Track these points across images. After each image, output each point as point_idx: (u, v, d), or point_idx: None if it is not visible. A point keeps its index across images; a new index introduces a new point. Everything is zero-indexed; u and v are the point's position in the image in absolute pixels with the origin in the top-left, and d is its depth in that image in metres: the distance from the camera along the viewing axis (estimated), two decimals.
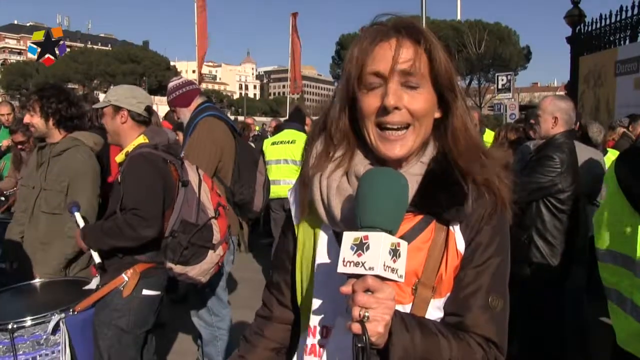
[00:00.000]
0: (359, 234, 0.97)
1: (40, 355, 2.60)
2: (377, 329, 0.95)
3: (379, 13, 1.18)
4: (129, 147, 2.83)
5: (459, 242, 1.14)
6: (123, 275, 2.74)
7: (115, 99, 2.91)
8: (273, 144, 6.27)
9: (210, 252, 2.90)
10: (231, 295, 6.12)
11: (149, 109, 3.01)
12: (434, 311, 1.14)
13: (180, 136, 7.53)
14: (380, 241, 0.95)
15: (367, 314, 0.93)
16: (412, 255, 1.09)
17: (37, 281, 3.06)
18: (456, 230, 1.14)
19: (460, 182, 1.12)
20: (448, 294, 1.15)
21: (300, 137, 6.03)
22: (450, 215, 1.12)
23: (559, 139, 3.60)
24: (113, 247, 2.74)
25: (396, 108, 1.09)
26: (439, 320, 1.14)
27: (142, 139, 2.85)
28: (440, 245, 1.13)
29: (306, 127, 6.40)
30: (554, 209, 3.53)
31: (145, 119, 2.98)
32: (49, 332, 2.57)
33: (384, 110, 1.09)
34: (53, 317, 2.58)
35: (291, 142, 6.10)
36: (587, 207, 4.15)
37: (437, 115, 1.17)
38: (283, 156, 6.11)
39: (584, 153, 3.97)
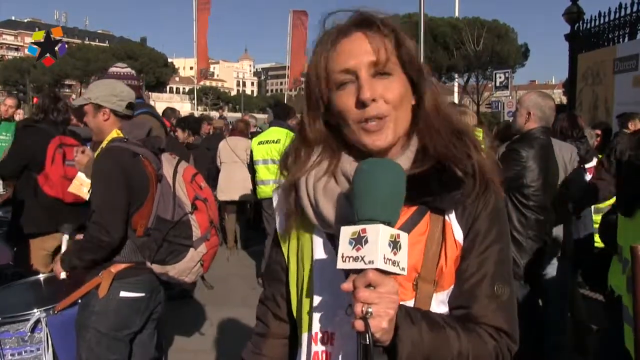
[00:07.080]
0: (357, 228, 0.94)
1: (25, 352, 2.65)
2: (381, 325, 0.92)
3: (331, 11, 1.16)
4: (104, 144, 2.77)
5: (457, 232, 1.11)
6: (100, 275, 2.66)
7: (96, 96, 2.84)
8: (260, 143, 6.14)
9: (191, 250, 2.73)
10: (227, 293, 6.11)
11: (131, 106, 2.94)
12: (438, 305, 1.11)
13: (179, 132, 7.52)
14: (378, 233, 0.91)
15: (370, 310, 0.90)
16: (409, 250, 1.06)
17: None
18: (452, 220, 1.11)
19: (451, 168, 1.09)
20: (451, 287, 1.11)
21: (284, 135, 5.88)
22: (444, 203, 1.08)
23: (532, 134, 3.56)
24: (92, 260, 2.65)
25: (373, 100, 1.06)
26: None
27: (114, 134, 2.78)
28: (438, 237, 1.10)
29: (293, 122, 6.25)
30: (519, 204, 3.48)
31: (128, 114, 2.93)
32: (28, 330, 2.61)
33: (361, 105, 1.07)
34: (33, 315, 2.61)
35: (276, 142, 5.96)
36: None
37: (413, 102, 1.14)
38: (270, 156, 5.99)
39: (562, 149, 3.83)
